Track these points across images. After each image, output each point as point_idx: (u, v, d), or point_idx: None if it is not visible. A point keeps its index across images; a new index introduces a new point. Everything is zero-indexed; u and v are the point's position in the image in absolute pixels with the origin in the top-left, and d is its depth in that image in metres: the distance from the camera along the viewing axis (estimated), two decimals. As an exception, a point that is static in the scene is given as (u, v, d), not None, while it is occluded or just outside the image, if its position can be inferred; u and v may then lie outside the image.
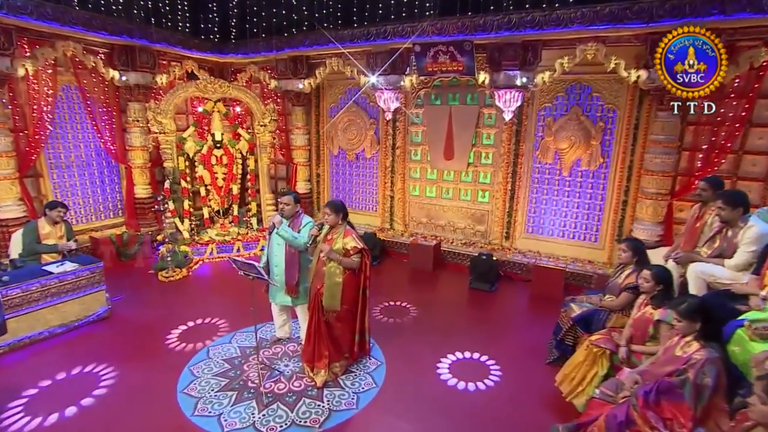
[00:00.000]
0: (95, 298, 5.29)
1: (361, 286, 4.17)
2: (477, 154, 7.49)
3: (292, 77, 8.28)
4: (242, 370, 4.34)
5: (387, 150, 8.27)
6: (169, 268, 6.64)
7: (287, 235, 4.22)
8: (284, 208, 4.30)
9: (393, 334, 5.10)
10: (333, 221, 4.10)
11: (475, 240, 7.71)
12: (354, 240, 4.05)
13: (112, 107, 7.62)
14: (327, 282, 3.99)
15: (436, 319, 5.51)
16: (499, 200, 7.35)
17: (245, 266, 3.91)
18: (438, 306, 5.92)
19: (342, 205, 4.16)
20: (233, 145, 8.25)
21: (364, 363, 4.46)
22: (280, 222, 4.22)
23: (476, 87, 7.17)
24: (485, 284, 6.47)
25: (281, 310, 4.78)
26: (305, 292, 4.44)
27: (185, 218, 7.73)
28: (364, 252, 4.12)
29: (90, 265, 5.26)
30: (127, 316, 5.43)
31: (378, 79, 7.31)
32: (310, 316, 4.16)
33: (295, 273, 4.37)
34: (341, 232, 4.08)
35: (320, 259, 4.10)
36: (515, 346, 4.91)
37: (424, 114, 7.81)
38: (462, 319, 5.63)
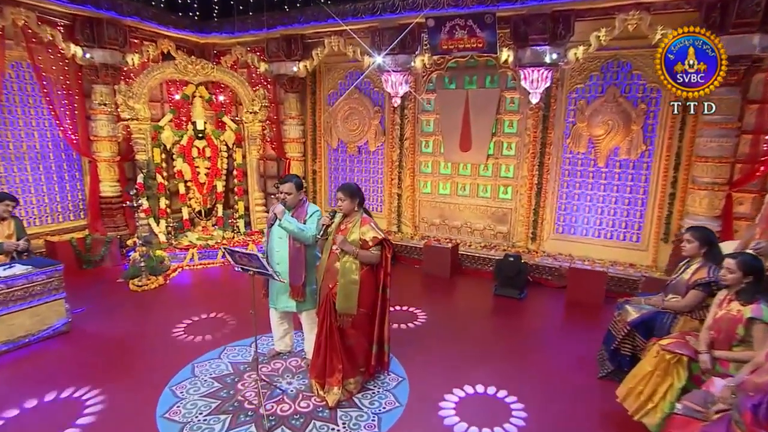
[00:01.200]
0: (52, 308, 4.89)
1: (380, 284, 3.89)
2: (498, 144, 7.30)
3: (286, 59, 8.07)
4: (236, 390, 4.00)
5: (394, 142, 8.07)
6: (143, 276, 6.33)
7: (291, 227, 3.93)
8: (286, 198, 4.03)
9: (413, 346, 4.84)
10: (347, 208, 3.85)
11: (496, 242, 7.49)
12: (373, 229, 3.79)
13: (74, 90, 7.30)
14: (341, 280, 3.70)
15: (463, 329, 5.29)
16: (524, 197, 7.17)
17: (244, 258, 3.57)
18: (462, 316, 5.70)
19: (358, 188, 3.91)
20: (217, 135, 8.02)
21: (382, 379, 4.16)
22: (282, 212, 3.92)
23: (497, 67, 7.02)
24: (513, 291, 6.24)
25: (282, 318, 4.47)
26: (312, 296, 4.18)
27: (161, 219, 7.45)
28: (385, 243, 3.84)
29: (46, 267, 4.88)
30: (92, 330, 5.09)
31: (385, 60, 7.12)
32: (321, 321, 3.87)
33: (301, 272, 4.08)
34: (357, 220, 3.82)
35: (332, 254, 3.83)
36: (559, 360, 4.65)
37: (436, 100, 7.65)
38: (493, 329, 5.42)
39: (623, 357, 4.14)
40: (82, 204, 7.69)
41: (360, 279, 3.72)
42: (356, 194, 3.84)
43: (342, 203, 3.83)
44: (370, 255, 3.74)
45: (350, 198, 3.81)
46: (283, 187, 4.04)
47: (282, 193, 4.04)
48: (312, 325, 4.27)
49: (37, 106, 7.08)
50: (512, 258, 6.32)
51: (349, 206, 3.83)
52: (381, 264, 3.84)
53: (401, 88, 7.28)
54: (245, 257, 3.56)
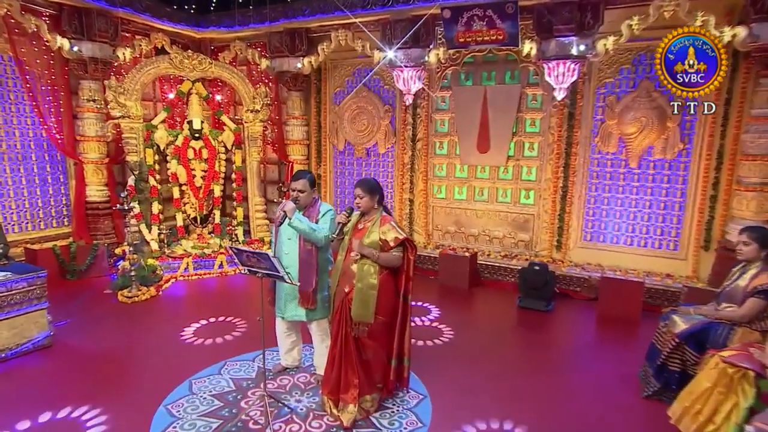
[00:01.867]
0: (33, 319, 4.73)
1: (401, 290, 3.73)
2: (519, 144, 7.21)
3: (289, 55, 8.01)
4: (240, 408, 3.81)
5: (405, 143, 7.98)
6: (133, 286, 6.19)
7: (303, 227, 3.80)
8: (298, 197, 3.90)
9: (432, 361, 4.68)
10: (366, 206, 3.71)
11: (518, 252, 7.35)
12: (394, 229, 3.66)
13: (59, 86, 7.21)
14: (358, 285, 3.56)
15: (487, 344, 5.14)
16: (548, 201, 7.05)
17: (252, 258, 3.40)
18: (485, 329, 5.55)
19: (377, 184, 3.79)
20: (215, 135, 7.94)
21: (401, 397, 3.99)
22: (292, 210, 3.78)
23: (518, 62, 6.96)
24: (539, 303, 6.09)
25: (289, 329, 4.31)
26: (324, 304, 4.05)
27: (153, 225, 7.32)
28: (408, 244, 3.69)
29: (27, 274, 4.72)
30: (77, 344, 4.95)
31: (396, 55, 7.07)
32: (335, 331, 3.71)
33: (312, 277, 3.94)
34: (377, 219, 3.70)
35: (348, 255, 3.69)
36: (597, 379, 4.45)
37: (452, 97, 7.58)
38: (520, 343, 5.29)
39: (671, 373, 3.95)
40: (66, 210, 7.57)
41: (379, 284, 3.58)
42: (376, 190, 3.72)
43: (360, 200, 3.70)
44: (391, 257, 3.61)
45: (369, 195, 3.68)
46: (295, 185, 3.91)
47: (294, 191, 3.92)
48: (323, 337, 4.14)
49: (19, 102, 6.97)
50: (538, 267, 6.16)
51: (369, 204, 3.70)
52: (402, 267, 3.70)
53: (414, 84, 7.20)
54: (254, 257, 3.42)
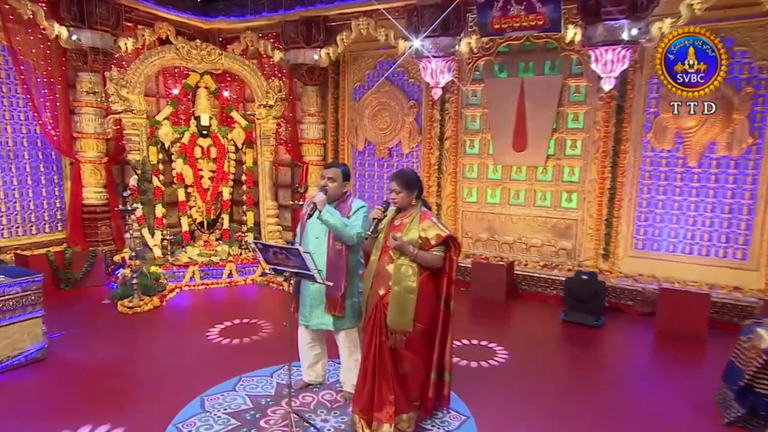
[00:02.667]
0: (26, 329, 4.64)
1: (443, 294, 3.63)
2: (560, 142, 7.11)
3: (305, 46, 8.00)
4: (260, 428, 3.67)
5: (432, 142, 7.93)
6: (135, 296, 6.13)
7: (333, 221, 3.70)
8: (328, 185, 3.82)
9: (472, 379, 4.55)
10: (404, 201, 3.61)
11: (558, 261, 7.21)
12: (435, 225, 3.55)
13: (56, 78, 7.21)
14: (394, 288, 3.45)
15: (532, 361, 4.99)
16: (593, 205, 6.91)
17: (280, 255, 3.29)
18: (528, 346, 5.37)
19: (416, 177, 3.69)
20: (225, 133, 7.93)
21: (441, 417, 3.86)
22: (323, 201, 3.68)
23: (559, 50, 6.87)
24: (587, 317, 5.93)
25: (313, 340, 4.20)
26: (353, 311, 3.95)
27: (157, 230, 7.27)
28: (451, 242, 3.58)
29: (22, 278, 4.63)
30: (73, 358, 4.88)
31: (423, 44, 7.01)
32: (368, 340, 3.59)
33: (341, 280, 3.83)
34: (415, 215, 3.59)
35: (384, 255, 3.59)
36: (664, 403, 4.25)
37: (484, 91, 7.52)
38: (569, 362, 5.13)
39: (759, 397, 3.73)
40: (60, 213, 7.53)
41: (418, 287, 3.46)
42: (414, 184, 3.62)
43: (396, 196, 3.59)
44: (432, 257, 3.50)
45: (407, 189, 3.58)
46: (326, 172, 3.86)
47: (325, 179, 3.85)
48: (351, 349, 4.02)
49: (11, 95, 6.97)
50: (586, 276, 6.01)
51: (406, 199, 3.60)
52: (444, 269, 3.59)
53: (443, 77, 7.13)
54: (282, 253, 3.31)
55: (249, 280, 7.23)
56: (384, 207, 3.64)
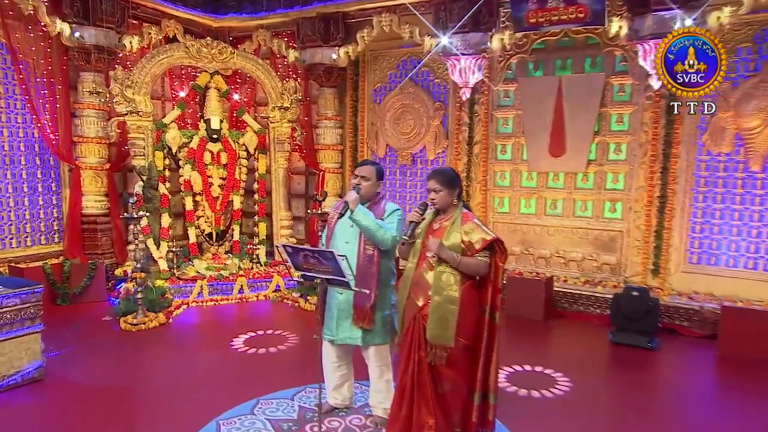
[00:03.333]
0: (24, 345, 4.58)
1: (487, 305, 3.51)
2: (602, 146, 7.04)
3: (322, 45, 8.05)
4: (284, 457, 3.53)
5: (460, 147, 7.93)
6: (139, 311, 6.10)
7: (367, 222, 3.64)
8: (361, 184, 3.79)
9: (515, 404, 4.44)
10: (443, 202, 3.52)
11: (601, 277, 7.11)
12: (479, 228, 3.46)
13: (57, 78, 7.25)
14: (435, 298, 3.36)
15: (581, 388, 4.82)
16: (641, 215, 6.82)
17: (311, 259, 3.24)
18: (575, 370, 5.19)
19: (457, 175, 3.62)
20: (236, 137, 7.95)
21: None
22: (355, 201, 3.63)
23: (601, 45, 6.80)
24: (639, 338, 5.75)
25: (340, 358, 4.10)
26: (385, 325, 3.86)
27: (163, 241, 7.28)
28: (498, 247, 3.47)
29: (21, 289, 4.58)
30: (74, 378, 4.83)
31: (452, 41, 7.01)
32: (405, 356, 3.47)
33: (372, 288, 3.74)
34: (456, 218, 3.51)
35: (422, 261, 3.50)
36: None
37: (518, 91, 7.52)
38: (622, 388, 4.95)
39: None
40: (57, 223, 7.53)
41: (461, 297, 3.36)
42: (455, 183, 3.54)
43: (436, 195, 3.50)
44: (476, 263, 3.40)
45: (447, 188, 3.49)
46: (360, 170, 3.84)
47: (357, 177, 3.81)
48: (383, 368, 3.92)
49: (9, 96, 7.00)
50: (636, 292, 5.85)
51: (446, 199, 3.50)
52: (489, 277, 3.48)
53: (473, 76, 7.12)
54: (314, 257, 3.24)
55: (261, 296, 7.21)
56: (422, 209, 3.55)
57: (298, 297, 7.01)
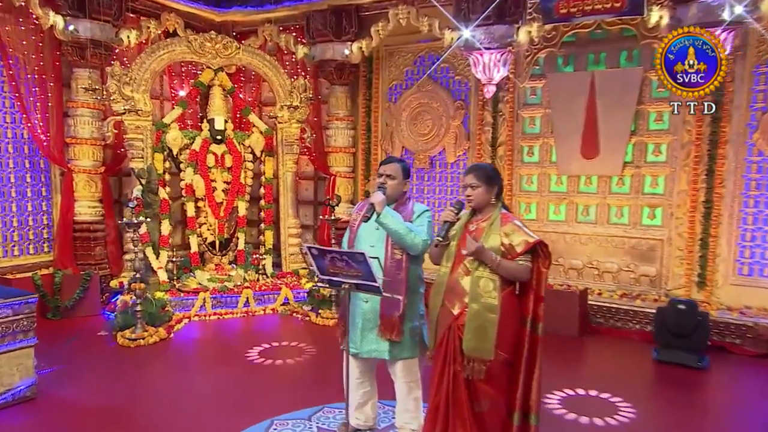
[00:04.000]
0: (16, 361, 4.51)
1: (528, 315, 3.43)
2: (640, 146, 7.01)
3: (334, 40, 8.09)
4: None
5: (482, 149, 7.95)
6: (138, 326, 6.05)
7: (396, 226, 3.57)
8: (387, 183, 3.73)
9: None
10: (481, 199, 3.44)
11: (639, 290, 7.04)
12: (521, 230, 3.38)
13: (49, 74, 7.24)
14: (472, 306, 3.28)
15: (647, 421, 4.68)
16: (683, 222, 6.75)
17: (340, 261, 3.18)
18: (621, 392, 5.06)
19: (496, 172, 3.57)
20: (242, 139, 7.96)
21: None
22: (382, 202, 3.56)
23: (639, 37, 6.63)
24: (687, 356, 5.63)
25: (363, 374, 4.01)
26: (413, 337, 3.78)
27: (162, 250, 7.28)
28: (541, 250, 3.39)
29: (14, 299, 4.52)
30: (68, 397, 4.79)
31: (474, 34, 6.98)
32: (439, 370, 3.39)
33: (400, 297, 3.64)
34: (495, 218, 3.43)
35: (457, 266, 3.42)
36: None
37: (546, 88, 7.53)
38: (674, 412, 4.82)
39: None
40: (47, 232, 7.50)
41: (501, 305, 3.27)
42: (495, 178, 3.47)
43: (473, 192, 3.42)
44: (517, 267, 3.31)
45: (486, 184, 3.41)
46: (385, 168, 3.76)
47: (383, 176, 3.74)
48: (411, 384, 3.82)
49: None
50: (683, 306, 5.74)
51: (483, 197, 3.42)
52: (530, 283, 3.40)
53: (497, 72, 7.07)
54: (342, 260, 3.17)
55: (269, 310, 7.19)
56: (457, 208, 3.48)
57: (309, 310, 6.97)
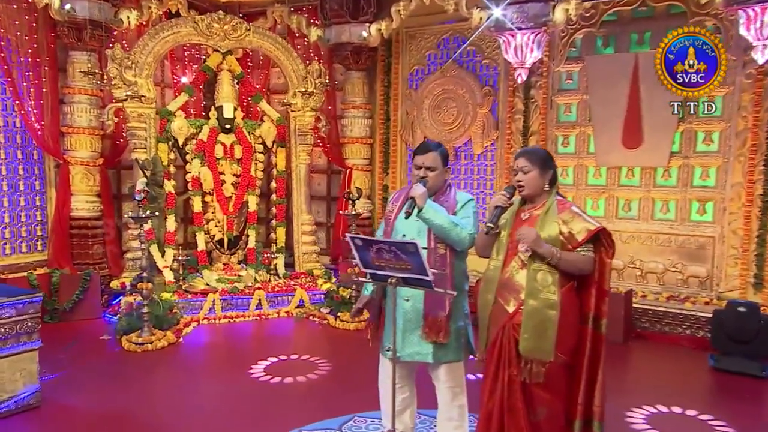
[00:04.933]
0: (19, 365, 4.52)
1: (590, 312, 3.45)
2: (688, 135, 7.01)
3: (351, 21, 8.13)
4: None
5: (513, 139, 7.98)
6: (145, 329, 6.05)
7: (440, 220, 3.53)
8: (428, 176, 3.67)
9: None
10: (534, 185, 3.40)
11: (688, 292, 7.02)
12: (581, 218, 3.37)
13: (44, 57, 7.25)
14: (530, 302, 3.26)
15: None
16: (738, 218, 6.75)
17: (387, 253, 3.12)
18: (679, 403, 5.02)
19: (550, 155, 3.51)
20: (252, 128, 7.95)
21: None
22: (424, 196, 3.52)
23: (688, 15, 6.66)
24: (750, 364, 5.62)
25: (402, 379, 3.95)
26: (458, 339, 3.73)
27: (168, 247, 7.29)
28: (604, 238, 3.39)
29: (17, 298, 4.52)
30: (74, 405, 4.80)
31: (506, 13, 6.95)
32: (491, 373, 3.36)
33: (454, 293, 3.57)
34: (551, 205, 3.40)
35: (510, 258, 3.39)
36: None
37: (583, 72, 7.53)
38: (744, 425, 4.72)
39: None
40: (41, 228, 7.51)
41: (561, 302, 3.25)
42: (548, 164, 3.42)
43: (524, 177, 3.37)
44: (580, 258, 3.29)
45: (540, 168, 3.37)
46: (422, 159, 3.66)
47: (420, 168, 3.67)
48: (456, 389, 3.77)
49: (-13, 79, 7.05)
50: (744, 308, 5.73)
51: (537, 183, 3.38)
52: (593, 276, 3.40)
53: (531, 54, 7.07)
54: (391, 251, 3.12)
55: (283, 313, 7.21)
56: (509, 192, 3.44)
57: (327, 314, 6.97)
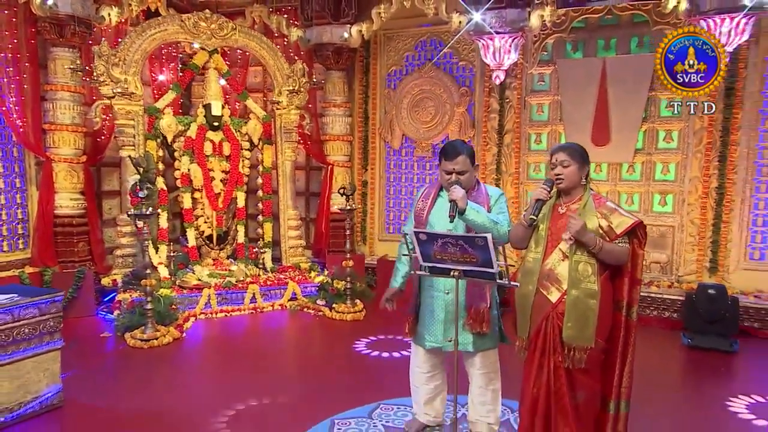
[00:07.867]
0: (43, 365, 4.28)
1: (623, 299, 3.43)
2: (651, 133, 7.13)
3: (332, 22, 7.95)
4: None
5: (489, 136, 7.98)
6: (149, 325, 5.82)
7: (481, 220, 3.50)
8: (460, 180, 3.64)
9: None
10: (573, 178, 3.38)
11: (650, 277, 7.17)
12: (618, 211, 3.37)
13: (24, 53, 6.91)
14: (572, 292, 3.26)
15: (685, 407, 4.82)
16: (695, 209, 6.93)
17: (453, 247, 3.09)
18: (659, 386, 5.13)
19: (586, 152, 3.48)
20: (239, 126, 7.79)
21: None
22: (464, 198, 3.49)
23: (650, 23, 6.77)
24: (721, 340, 5.83)
25: (434, 367, 3.96)
26: (494, 325, 3.74)
27: (161, 244, 7.05)
28: (639, 231, 3.38)
29: (38, 297, 4.24)
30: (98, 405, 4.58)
31: (485, 18, 6.92)
32: (537, 362, 3.34)
33: (486, 287, 3.64)
34: (587, 199, 3.40)
35: (549, 251, 3.38)
36: None
37: (554, 74, 7.57)
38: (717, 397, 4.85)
39: None
40: (22, 227, 7.16)
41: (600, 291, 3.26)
42: (586, 159, 3.41)
43: (563, 170, 3.35)
44: (617, 250, 3.29)
45: (578, 162, 3.35)
46: (452, 164, 3.62)
47: (451, 173, 3.63)
48: (491, 375, 3.79)
49: (-35, 76, 6.64)
50: (713, 291, 5.96)
51: (575, 176, 3.36)
52: (626, 267, 3.39)
53: (508, 57, 7.06)
54: (456, 244, 3.09)
55: (277, 306, 7.10)
56: (548, 185, 3.42)
57: (323, 305, 6.87)
